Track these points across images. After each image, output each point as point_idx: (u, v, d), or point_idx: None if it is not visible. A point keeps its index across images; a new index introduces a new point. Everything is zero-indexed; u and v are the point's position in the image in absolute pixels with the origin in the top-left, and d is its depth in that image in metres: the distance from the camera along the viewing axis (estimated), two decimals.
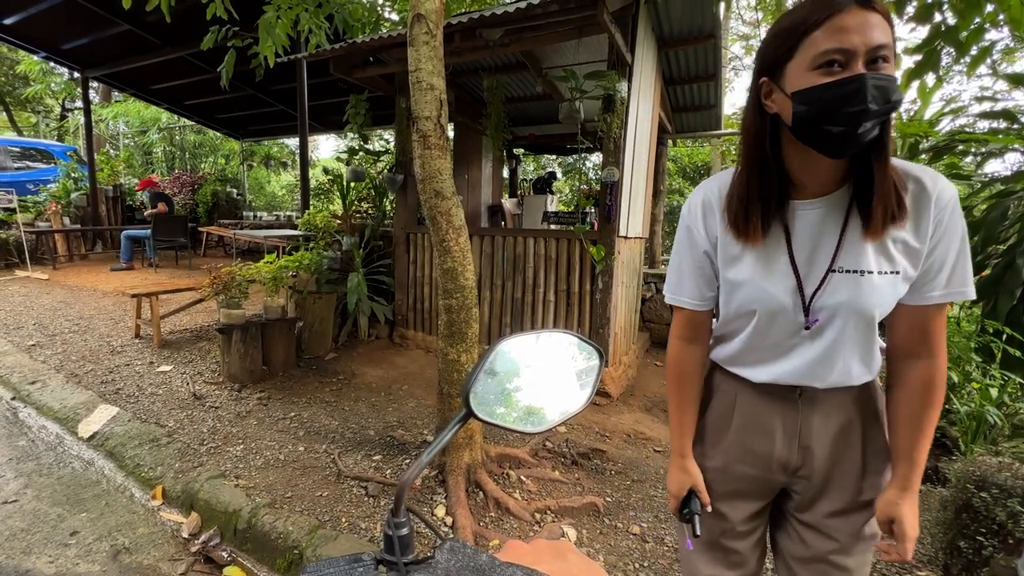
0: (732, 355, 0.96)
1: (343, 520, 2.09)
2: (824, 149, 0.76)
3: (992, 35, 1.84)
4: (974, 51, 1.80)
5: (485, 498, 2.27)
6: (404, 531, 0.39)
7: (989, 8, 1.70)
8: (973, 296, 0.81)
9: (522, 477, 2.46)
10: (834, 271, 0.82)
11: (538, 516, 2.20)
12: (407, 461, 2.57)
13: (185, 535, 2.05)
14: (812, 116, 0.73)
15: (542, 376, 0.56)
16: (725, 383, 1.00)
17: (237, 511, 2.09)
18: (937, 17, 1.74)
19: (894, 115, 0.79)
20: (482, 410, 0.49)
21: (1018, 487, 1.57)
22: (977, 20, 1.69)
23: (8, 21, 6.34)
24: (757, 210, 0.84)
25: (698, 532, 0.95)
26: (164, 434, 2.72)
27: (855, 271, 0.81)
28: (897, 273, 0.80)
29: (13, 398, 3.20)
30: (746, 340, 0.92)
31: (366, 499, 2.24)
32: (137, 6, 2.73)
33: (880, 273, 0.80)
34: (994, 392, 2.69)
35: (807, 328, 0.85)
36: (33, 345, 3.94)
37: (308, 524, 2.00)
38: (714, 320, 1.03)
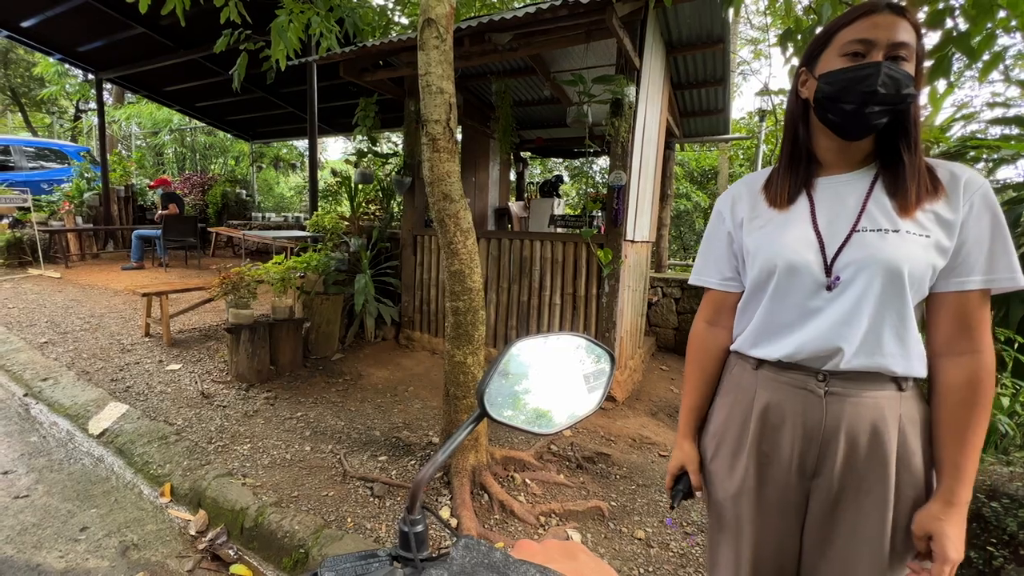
0: (755, 330, 0.93)
1: (349, 520, 2.10)
2: (836, 128, 0.86)
3: (1004, 40, 1.82)
4: (986, 56, 1.79)
5: (490, 500, 2.27)
6: (419, 528, 0.40)
7: (1001, 14, 1.69)
8: (1023, 284, 0.78)
9: (527, 480, 2.46)
10: (858, 231, 0.84)
11: (543, 519, 2.20)
12: (412, 462, 2.58)
13: (192, 532, 2.07)
14: (832, 94, 0.83)
15: (554, 379, 0.56)
16: (746, 378, 0.95)
17: (244, 509, 2.11)
18: (948, 23, 1.74)
19: (918, 109, 0.84)
20: (496, 411, 0.50)
21: None
22: (989, 26, 1.68)
23: (26, 24, 6.45)
24: (787, 179, 0.93)
25: (673, 506, 1.06)
26: (172, 432, 2.74)
27: (880, 229, 0.83)
28: (928, 237, 0.80)
29: (25, 394, 3.24)
30: (768, 304, 0.91)
31: (372, 499, 2.25)
32: (152, 9, 2.78)
33: (908, 232, 0.81)
34: (1005, 401, 2.65)
35: (829, 289, 0.84)
36: (45, 342, 4.00)
37: (314, 523, 2.01)
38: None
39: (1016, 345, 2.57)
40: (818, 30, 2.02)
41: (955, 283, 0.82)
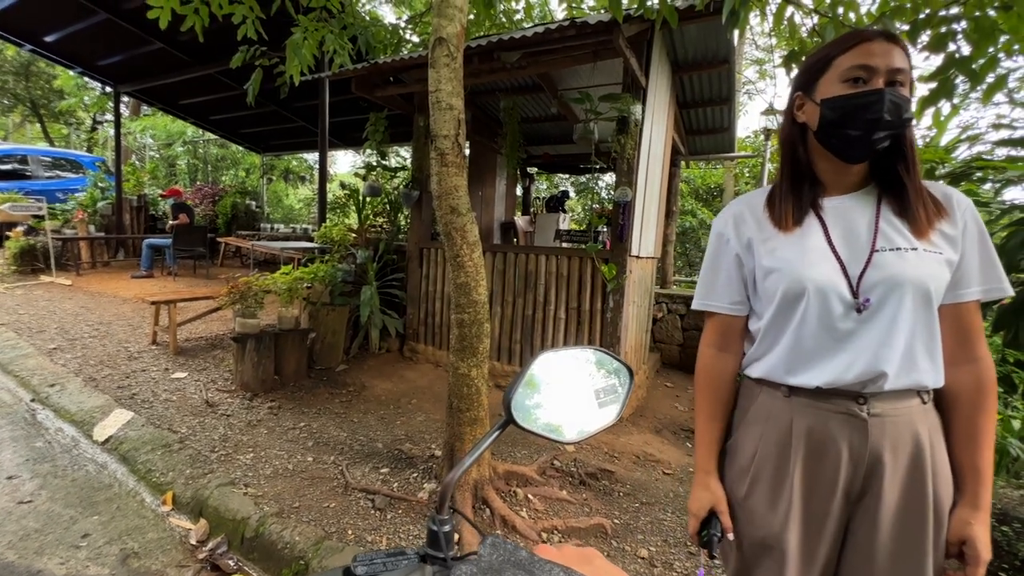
0: (785, 356, 0.89)
1: (349, 532, 2.08)
2: (841, 153, 0.87)
3: (1008, 64, 1.84)
4: (991, 79, 1.81)
5: (492, 515, 2.25)
6: (447, 528, 0.41)
7: (1004, 38, 1.71)
8: (1010, 292, 0.83)
9: (529, 495, 2.44)
10: (877, 251, 0.84)
11: (544, 536, 2.17)
12: (415, 475, 2.56)
13: (193, 542, 2.06)
14: (836, 120, 0.84)
15: (577, 390, 0.58)
16: (777, 407, 0.90)
17: (245, 519, 2.10)
18: (951, 46, 1.76)
19: (914, 132, 0.87)
20: (521, 418, 0.52)
21: None
22: (991, 50, 1.70)
23: (49, 38, 6.66)
24: (790, 201, 0.92)
25: (715, 554, 0.92)
26: (176, 440, 2.75)
27: (898, 248, 0.84)
28: (941, 254, 0.83)
29: (33, 400, 3.27)
30: (798, 329, 0.87)
31: (373, 512, 2.24)
32: (171, 26, 2.87)
33: (924, 250, 0.83)
34: (1016, 424, 2.61)
35: (859, 311, 0.83)
36: (54, 348, 4.04)
37: (315, 535, 2.00)
38: (751, 334, 0.99)
39: None
40: None
41: (956, 295, 0.85)
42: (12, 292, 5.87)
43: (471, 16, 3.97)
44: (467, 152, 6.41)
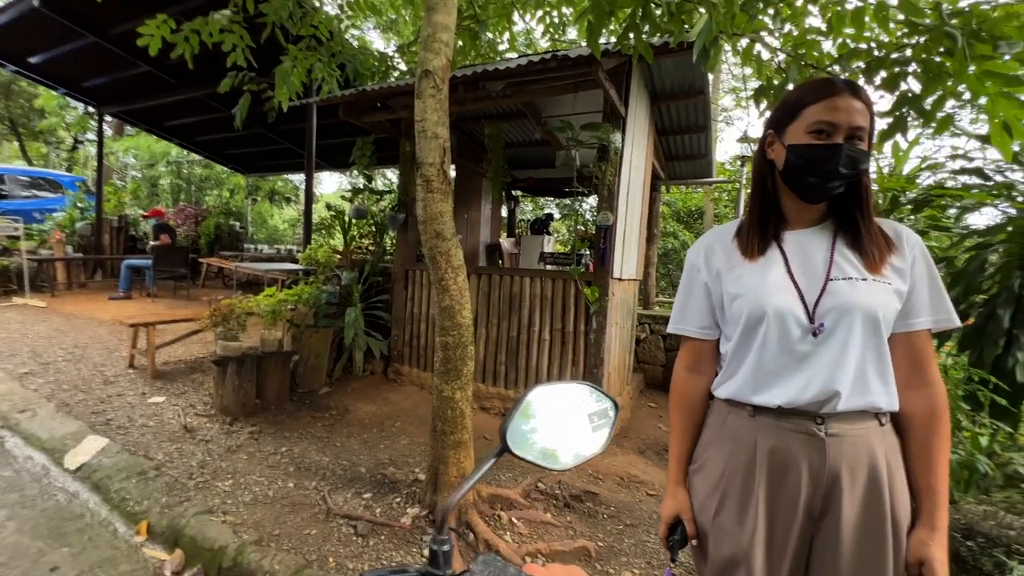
0: (749, 377, 0.96)
1: (331, 560, 2.05)
2: (800, 194, 0.97)
3: (952, 102, 1.98)
4: (941, 114, 1.95)
5: (475, 539, 2.23)
6: (446, 547, 0.45)
7: (951, 81, 1.84)
8: (958, 323, 0.91)
9: (513, 519, 2.43)
10: (832, 279, 0.93)
11: (529, 560, 2.16)
12: (398, 500, 2.54)
13: (168, 573, 2.00)
14: (799, 165, 0.94)
15: (565, 422, 0.64)
16: (744, 427, 0.97)
17: (223, 548, 2.05)
18: (903, 86, 1.89)
19: (873, 175, 0.97)
20: (515, 447, 0.57)
21: (1003, 536, 1.58)
22: (941, 91, 1.83)
23: (34, 60, 6.64)
24: (756, 233, 1.01)
25: (675, 559, 1.03)
26: (152, 467, 2.68)
27: (850, 278, 0.92)
28: (889, 284, 0.91)
29: (1, 427, 3.16)
30: (759, 351, 0.95)
31: (355, 538, 2.21)
32: (160, 50, 2.91)
33: (874, 280, 0.91)
34: (984, 440, 2.70)
35: (815, 335, 0.91)
36: (25, 373, 3.92)
37: (295, 563, 1.96)
38: (723, 358, 1.06)
39: (991, 385, 2.65)
40: (789, 86, 2.19)
41: (907, 324, 0.93)
42: None
43: (458, 44, 4.10)
44: (453, 176, 6.50)
